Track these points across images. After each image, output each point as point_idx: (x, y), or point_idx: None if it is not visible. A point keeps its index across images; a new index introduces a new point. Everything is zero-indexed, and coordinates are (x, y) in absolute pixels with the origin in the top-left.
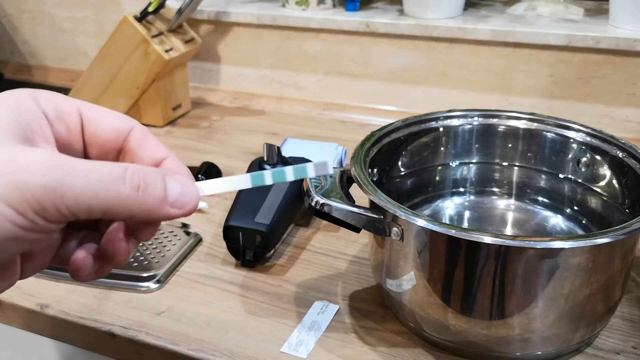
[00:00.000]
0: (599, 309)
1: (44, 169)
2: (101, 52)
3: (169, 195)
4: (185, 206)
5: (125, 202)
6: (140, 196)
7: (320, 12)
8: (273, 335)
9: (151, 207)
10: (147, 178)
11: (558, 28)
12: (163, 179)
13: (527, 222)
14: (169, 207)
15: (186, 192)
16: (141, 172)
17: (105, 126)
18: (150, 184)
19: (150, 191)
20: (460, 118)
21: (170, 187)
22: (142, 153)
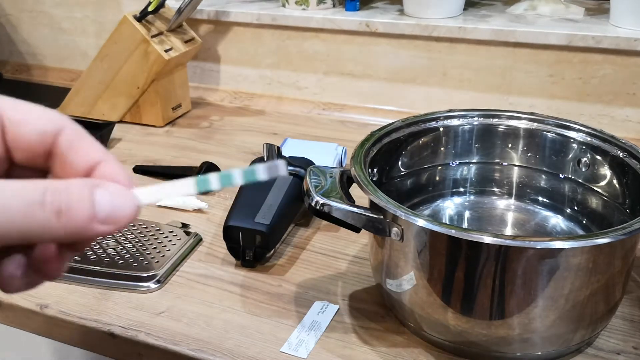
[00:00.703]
0: (599, 309)
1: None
2: (101, 52)
3: (98, 212)
4: (118, 221)
5: (45, 227)
6: (63, 220)
7: (320, 12)
8: (273, 335)
9: (77, 229)
10: (70, 198)
11: (558, 28)
12: (90, 195)
13: (527, 222)
14: (98, 225)
15: (119, 205)
16: (62, 192)
17: (28, 128)
18: (74, 204)
19: (73, 213)
20: (460, 118)
21: (100, 201)
22: (73, 157)
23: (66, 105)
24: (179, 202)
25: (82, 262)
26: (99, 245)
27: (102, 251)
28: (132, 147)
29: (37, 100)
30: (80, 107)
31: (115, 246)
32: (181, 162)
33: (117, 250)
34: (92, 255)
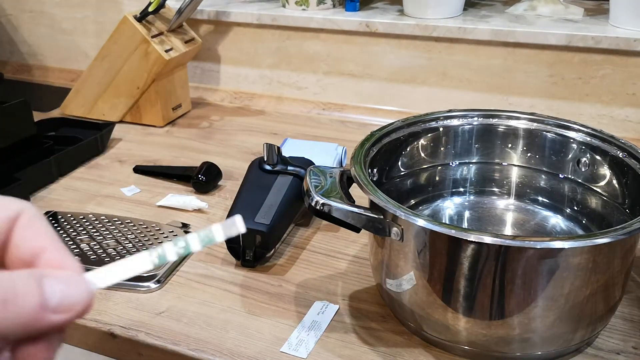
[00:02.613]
0: (599, 309)
1: None
2: (101, 52)
3: (48, 300)
4: (73, 307)
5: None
6: (10, 309)
7: (320, 12)
8: (273, 335)
9: (27, 319)
10: (15, 286)
11: (558, 28)
12: (37, 282)
13: (527, 222)
14: (50, 314)
15: (72, 291)
16: (6, 282)
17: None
18: (19, 293)
19: (20, 302)
20: (460, 118)
21: (49, 289)
22: (19, 242)
23: (66, 106)
24: (179, 202)
25: (82, 262)
26: (99, 245)
27: (102, 251)
28: (132, 147)
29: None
30: (80, 107)
31: (116, 246)
32: (181, 162)
33: (117, 250)
34: (92, 255)
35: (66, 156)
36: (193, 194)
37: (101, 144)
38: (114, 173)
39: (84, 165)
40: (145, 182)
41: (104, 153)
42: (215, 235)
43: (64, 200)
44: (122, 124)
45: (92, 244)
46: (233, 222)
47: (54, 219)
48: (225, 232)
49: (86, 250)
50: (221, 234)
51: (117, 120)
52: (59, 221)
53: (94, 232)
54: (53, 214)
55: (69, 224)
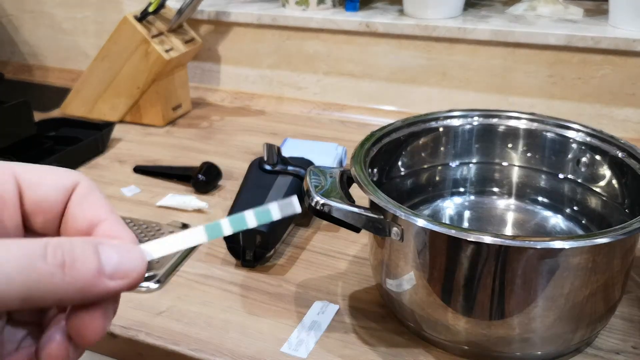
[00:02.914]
0: (599, 309)
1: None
2: (101, 52)
3: (104, 265)
4: (128, 275)
5: (49, 283)
6: (68, 273)
7: (320, 12)
8: (273, 335)
9: (84, 284)
10: (74, 251)
11: (558, 28)
12: (95, 248)
13: (527, 222)
14: (107, 280)
15: (127, 259)
16: (65, 245)
17: (48, 188)
18: (78, 257)
19: (79, 266)
20: (460, 118)
21: (106, 256)
22: (76, 212)
23: (67, 106)
24: (179, 202)
25: None
26: None
27: None
28: (133, 147)
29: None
30: (80, 107)
31: None
32: (181, 162)
33: None
34: None
35: (66, 156)
36: (193, 194)
37: (101, 144)
38: (114, 173)
39: (84, 165)
40: (145, 182)
41: (104, 153)
42: (272, 212)
43: None
44: (122, 124)
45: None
46: (290, 202)
47: None
48: (282, 210)
49: None
50: (278, 212)
51: (117, 120)
52: None
53: None
54: None
55: None
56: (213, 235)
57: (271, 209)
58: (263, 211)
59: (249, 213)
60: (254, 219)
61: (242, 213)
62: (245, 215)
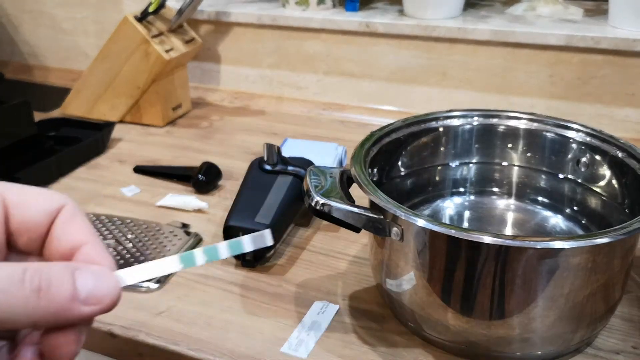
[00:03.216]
0: (599, 309)
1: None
2: (101, 52)
3: (79, 291)
4: (102, 300)
5: (25, 307)
6: (43, 298)
7: (320, 12)
8: (273, 335)
9: (58, 308)
10: (50, 276)
11: (558, 28)
12: (71, 274)
13: (527, 222)
14: (80, 305)
15: (102, 285)
16: (43, 271)
17: (35, 209)
18: (54, 282)
19: (54, 291)
20: (460, 118)
21: (81, 281)
22: (60, 235)
23: (67, 106)
24: (180, 202)
25: None
26: None
27: None
28: (133, 147)
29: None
30: (80, 107)
31: (116, 246)
32: (181, 162)
33: (117, 250)
34: None
35: (66, 156)
36: (193, 194)
37: (101, 144)
38: (114, 173)
39: (85, 165)
40: (145, 182)
41: (104, 153)
42: (244, 245)
43: None
44: (122, 124)
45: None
46: (262, 235)
47: None
48: (254, 243)
49: None
50: (250, 245)
51: (117, 120)
52: None
53: None
54: None
55: None
56: (187, 265)
57: (244, 242)
58: (236, 243)
59: (222, 245)
60: (226, 250)
61: (215, 245)
62: (219, 247)
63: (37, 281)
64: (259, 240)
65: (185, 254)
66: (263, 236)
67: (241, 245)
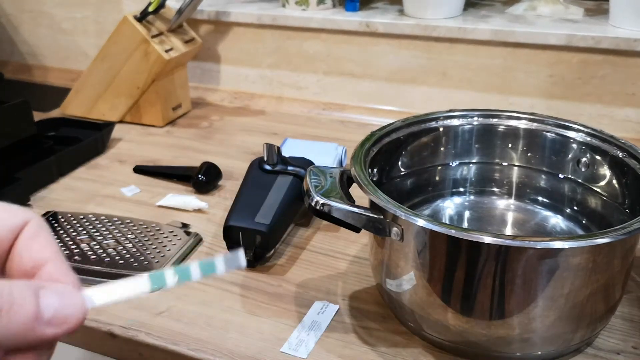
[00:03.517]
0: (599, 309)
1: None
2: (101, 52)
3: (43, 311)
4: (67, 321)
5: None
6: (4, 317)
7: (320, 12)
8: (273, 335)
9: (19, 329)
10: (12, 295)
11: (558, 28)
12: (34, 293)
13: (527, 222)
14: (44, 326)
15: (67, 305)
16: (5, 290)
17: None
18: (16, 302)
19: (16, 310)
20: (460, 118)
21: (45, 301)
22: (23, 251)
23: (66, 106)
24: (180, 202)
25: (82, 262)
26: (99, 245)
27: (102, 251)
28: (132, 147)
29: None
30: (80, 107)
31: (116, 246)
32: (181, 162)
33: (117, 250)
34: (92, 255)
35: (66, 156)
36: (193, 194)
37: (101, 144)
38: (114, 173)
39: (84, 165)
40: (145, 182)
41: (104, 153)
42: (217, 267)
43: (64, 200)
44: (122, 124)
45: (92, 244)
46: (236, 257)
47: (54, 219)
48: (227, 265)
49: (86, 250)
50: (223, 266)
51: (117, 120)
52: (59, 221)
53: (94, 232)
54: (53, 214)
55: (69, 224)
56: (157, 285)
57: (217, 263)
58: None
59: (194, 265)
60: (198, 271)
61: (187, 265)
62: (191, 268)
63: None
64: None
65: (156, 274)
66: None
67: (214, 267)
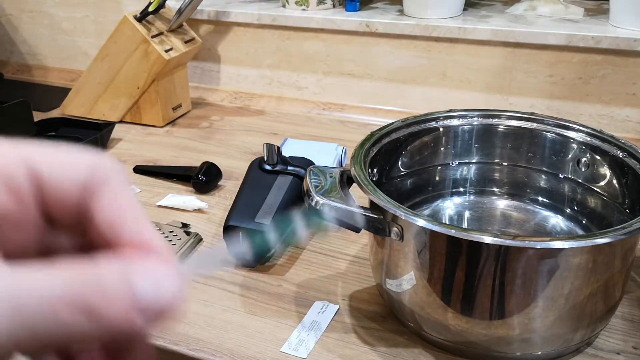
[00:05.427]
0: (599, 309)
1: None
2: (101, 52)
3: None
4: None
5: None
6: (95, 319)
7: (320, 12)
8: (273, 335)
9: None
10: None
11: (558, 28)
12: (128, 282)
13: (527, 222)
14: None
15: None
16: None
17: (63, 179)
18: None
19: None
20: (460, 118)
21: (140, 289)
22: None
23: (66, 105)
24: (180, 202)
25: None
26: None
27: None
28: (132, 147)
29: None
30: (80, 107)
31: None
32: (181, 162)
33: None
34: None
35: None
36: (193, 194)
37: (101, 144)
38: None
39: None
40: (145, 182)
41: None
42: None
43: None
44: (122, 124)
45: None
46: None
47: None
48: None
49: None
50: None
51: (117, 120)
52: None
53: None
54: None
55: None
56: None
57: None
58: None
59: None
60: None
61: None
62: None
63: (84, 300)
64: None
65: None
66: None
67: None
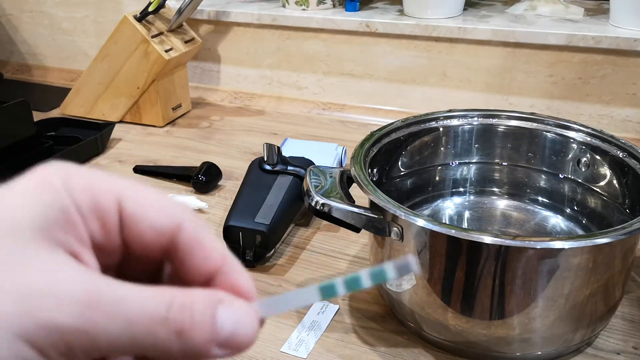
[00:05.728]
0: (599, 309)
1: (78, 306)
2: (101, 52)
3: (219, 333)
4: (238, 346)
5: (164, 347)
6: (183, 340)
7: (320, 12)
8: (273, 335)
9: (194, 351)
10: (193, 316)
11: (558, 28)
12: (213, 313)
13: (527, 222)
14: (216, 348)
15: (241, 328)
16: (187, 309)
17: (146, 226)
18: (196, 324)
19: (194, 334)
20: (460, 118)
21: (222, 322)
22: (191, 261)
23: (66, 106)
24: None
25: None
26: None
27: None
28: (132, 147)
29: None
30: (80, 107)
31: None
32: (181, 162)
33: None
34: None
35: (66, 156)
36: (193, 194)
37: (101, 144)
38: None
39: (84, 165)
40: (145, 182)
41: (104, 153)
42: (388, 274)
43: None
44: (122, 124)
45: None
46: (407, 263)
47: None
48: (398, 271)
49: None
50: (394, 273)
51: (117, 120)
52: None
53: None
54: None
55: None
56: (327, 296)
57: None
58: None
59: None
60: (369, 280)
61: (358, 274)
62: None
63: (180, 322)
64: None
65: (327, 285)
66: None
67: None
